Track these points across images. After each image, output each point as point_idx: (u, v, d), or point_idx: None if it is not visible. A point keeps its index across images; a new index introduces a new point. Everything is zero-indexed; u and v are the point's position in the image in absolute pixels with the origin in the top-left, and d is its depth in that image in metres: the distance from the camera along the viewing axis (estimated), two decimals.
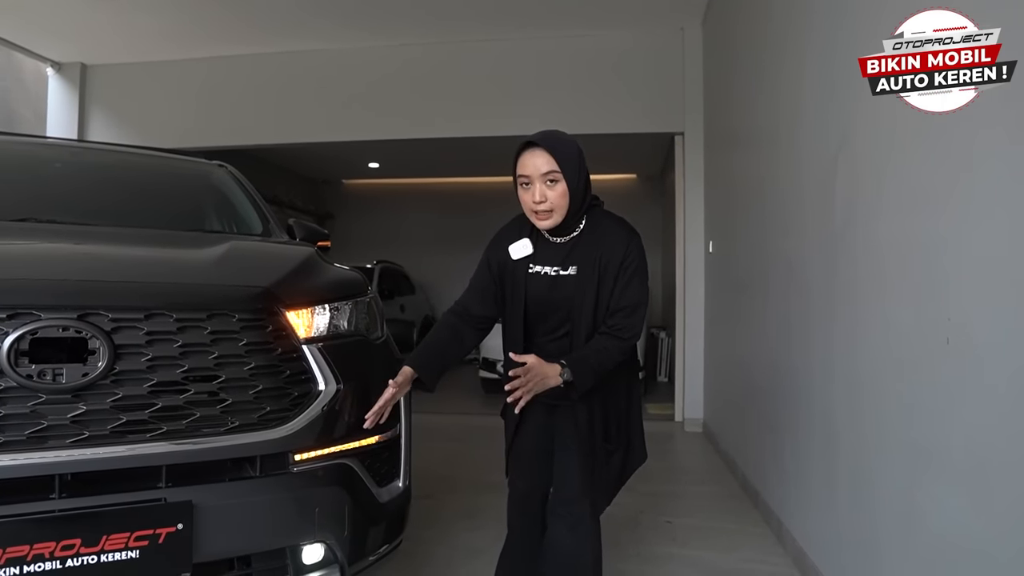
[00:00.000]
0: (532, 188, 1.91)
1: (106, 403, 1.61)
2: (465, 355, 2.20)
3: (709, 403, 5.96)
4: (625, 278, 1.95)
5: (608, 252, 1.95)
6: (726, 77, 5.14)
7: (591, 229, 2.00)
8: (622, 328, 1.93)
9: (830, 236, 2.66)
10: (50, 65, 7.42)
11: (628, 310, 1.94)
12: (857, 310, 2.40)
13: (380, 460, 2.14)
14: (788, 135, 3.31)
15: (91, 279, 1.71)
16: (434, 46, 6.80)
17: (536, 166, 1.89)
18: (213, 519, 1.68)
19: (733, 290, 4.80)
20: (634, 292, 1.95)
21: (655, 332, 9.31)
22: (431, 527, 3.47)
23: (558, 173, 1.88)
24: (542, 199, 1.89)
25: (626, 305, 1.95)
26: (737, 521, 3.65)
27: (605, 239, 1.97)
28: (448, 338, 2.10)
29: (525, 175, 1.92)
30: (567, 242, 2.01)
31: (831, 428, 2.64)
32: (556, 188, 1.89)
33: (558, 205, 1.91)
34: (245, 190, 3.22)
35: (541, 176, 1.89)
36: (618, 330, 1.93)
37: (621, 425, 2.13)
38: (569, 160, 1.90)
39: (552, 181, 1.89)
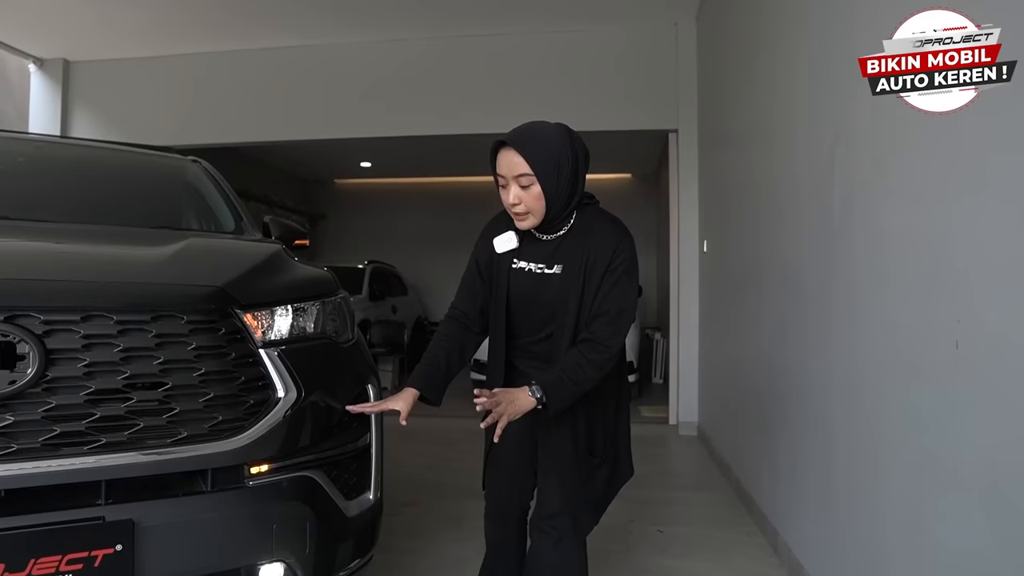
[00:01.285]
0: (508, 188, 1.79)
1: (37, 413, 1.47)
2: (469, 362, 2.07)
3: (704, 406, 5.85)
4: (611, 280, 1.81)
5: (596, 252, 1.82)
6: (720, 73, 5.04)
7: (580, 228, 1.87)
8: (601, 338, 1.79)
9: (827, 233, 2.54)
10: (32, 61, 7.28)
11: (610, 316, 1.80)
12: (856, 310, 2.28)
13: (348, 471, 2.01)
14: (784, 131, 3.20)
15: (20, 277, 1.57)
16: (427, 42, 6.67)
17: (510, 166, 1.77)
18: (158, 539, 1.54)
19: (727, 290, 4.69)
20: (619, 297, 1.81)
21: (650, 333, 9.22)
22: (416, 537, 3.33)
23: (531, 176, 1.75)
24: (516, 201, 1.78)
25: (608, 310, 1.80)
26: (731, 528, 3.52)
27: (594, 238, 1.84)
28: (448, 349, 1.96)
29: (500, 174, 1.80)
30: (554, 240, 1.89)
31: (828, 433, 2.52)
32: (531, 191, 1.76)
33: (533, 208, 1.78)
34: (219, 186, 3.09)
35: (514, 178, 1.77)
36: (597, 340, 1.79)
37: (608, 437, 1.99)
38: (544, 161, 1.75)
39: (525, 185, 1.76)
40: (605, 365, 1.79)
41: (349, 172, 12.29)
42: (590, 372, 1.77)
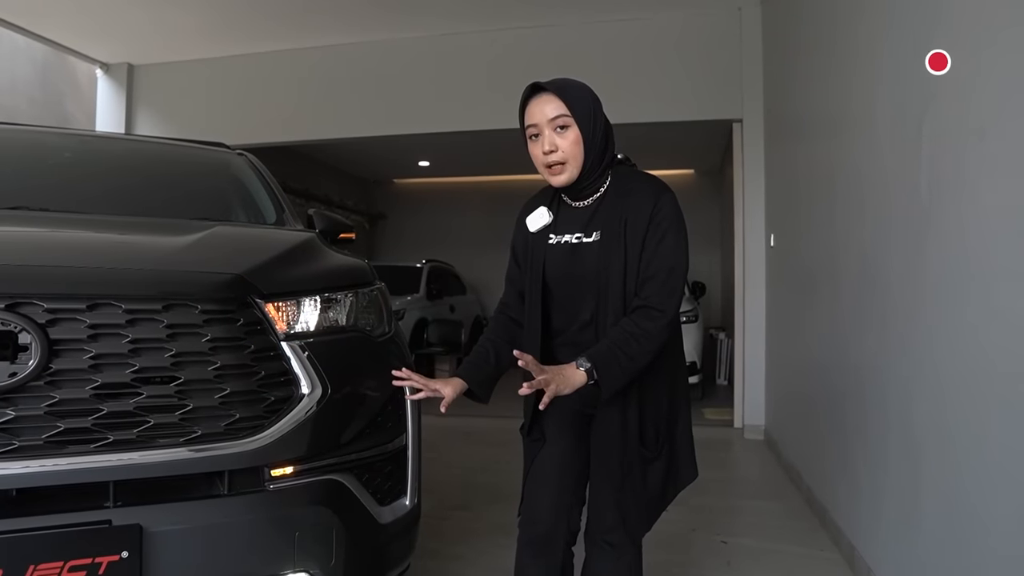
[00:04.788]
0: (541, 138, 1.67)
1: (40, 408, 1.37)
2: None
3: (771, 408, 5.56)
4: (655, 239, 1.63)
5: (635, 210, 1.66)
6: (790, 59, 4.76)
7: (616, 189, 1.72)
8: (653, 302, 1.60)
9: (916, 216, 2.28)
10: (99, 66, 7.46)
11: (659, 279, 1.61)
12: (949, 300, 2.02)
13: (382, 475, 1.86)
14: (864, 114, 2.92)
15: (23, 263, 1.48)
16: (480, 34, 6.54)
17: (544, 112, 1.65)
18: (167, 546, 1.42)
19: (798, 285, 4.40)
20: (666, 255, 1.62)
21: (714, 333, 8.92)
22: (466, 543, 3.18)
23: (568, 117, 1.64)
24: (552, 148, 1.65)
25: (655, 272, 1.62)
26: (802, 543, 3.25)
27: (631, 197, 1.68)
28: (497, 344, 1.83)
29: (532, 123, 1.68)
30: (591, 204, 1.74)
31: (915, 440, 2.25)
32: (567, 135, 1.65)
33: (572, 154, 1.65)
34: (262, 178, 3.01)
35: (549, 122, 1.65)
36: (649, 306, 1.60)
37: (660, 429, 1.75)
38: (580, 101, 1.65)
39: (562, 127, 1.64)
40: (661, 334, 1.60)
41: (407, 172, 12.28)
42: (645, 343, 1.58)
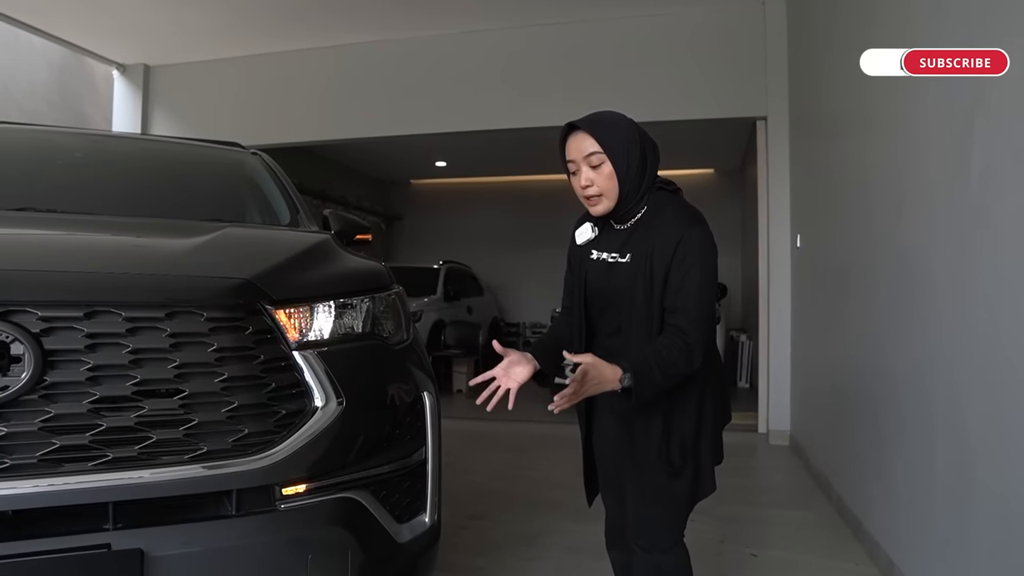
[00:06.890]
0: (579, 173, 1.77)
1: (34, 424, 1.29)
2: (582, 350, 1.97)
3: (797, 413, 5.42)
4: (679, 274, 1.70)
5: (662, 241, 1.73)
6: (817, 55, 4.61)
7: (651, 215, 1.80)
8: (684, 328, 1.68)
9: (963, 214, 2.15)
10: (115, 67, 7.45)
11: (685, 312, 1.69)
12: (1003, 298, 1.90)
13: (400, 491, 1.77)
14: (902, 112, 2.79)
15: (16, 268, 1.39)
16: (499, 32, 6.46)
17: (579, 149, 1.75)
18: (171, 571, 1.34)
19: (827, 286, 4.26)
20: (692, 289, 1.69)
21: (735, 335, 8.76)
22: (485, 554, 3.07)
23: (601, 154, 1.73)
24: (588, 183, 1.76)
25: (680, 306, 1.70)
26: (835, 555, 3.12)
27: (661, 227, 1.76)
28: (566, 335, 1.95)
29: (570, 159, 1.79)
30: (628, 227, 1.84)
31: (963, 447, 2.12)
32: (602, 170, 1.74)
33: (606, 188, 1.75)
34: (276, 177, 2.93)
35: (584, 159, 1.75)
36: (680, 328, 1.68)
37: (687, 447, 1.80)
38: (613, 138, 1.73)
39: (596, 164, 1.74)
40: (691, 358, 1.67)
41: (425, 172, 12.22)
42: (678, 362, 1.65)
